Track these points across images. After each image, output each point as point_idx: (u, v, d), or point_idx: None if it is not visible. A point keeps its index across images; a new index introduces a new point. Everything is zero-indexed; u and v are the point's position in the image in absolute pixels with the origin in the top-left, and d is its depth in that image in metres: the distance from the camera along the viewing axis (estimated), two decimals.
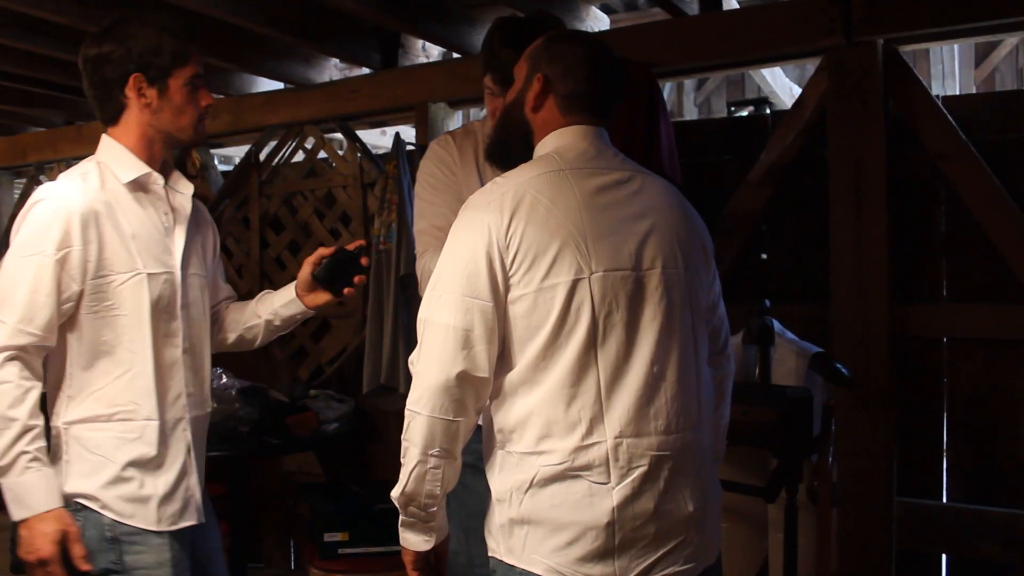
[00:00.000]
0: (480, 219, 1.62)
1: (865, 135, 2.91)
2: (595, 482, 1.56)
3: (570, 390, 1.57)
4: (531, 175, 1.66)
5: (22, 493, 1.83)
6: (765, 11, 3.19)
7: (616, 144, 1.82)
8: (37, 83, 4.51)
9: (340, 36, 3.86)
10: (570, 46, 1.78)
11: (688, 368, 1.66)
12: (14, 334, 1.84)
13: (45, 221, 1.88)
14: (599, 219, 1.62)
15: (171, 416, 2.00)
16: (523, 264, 1.58)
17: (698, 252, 1.75)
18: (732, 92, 8.70)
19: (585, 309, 1.57)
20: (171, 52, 1.95)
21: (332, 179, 4.32)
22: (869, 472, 2.89)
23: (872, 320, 2.89)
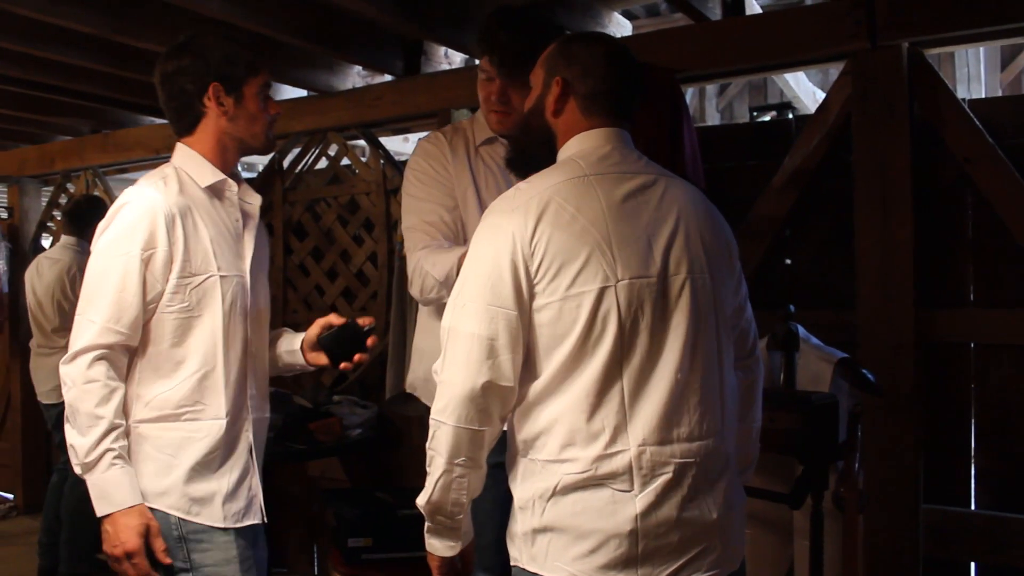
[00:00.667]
0: (504, 226, 1.60)
1: (890, 139, 2.89)
2: (618, 490, 1.55)
3: (594, 399, 1.55)
4: (555, 181, 1.64)
5: (108, 489, 1.88)
6: (788, 15, 3.19)
7: (640, 149, 1.81)
8: (65, 92, 4.57)
9: (363, 44, 3.89)
10: (586, 46, 1.76)
11: (713, 375, 1.65)
12: (103, 333, 1.89)
13: (132, 222, 1.93)
14: (624, 225, 1.60)
15: (236, 417, 2.05)
16: (548, 272, 1.56)
17: (723, 255, 1.73)
18: (754, 97, 8.67)
19: (612, 318, 1.56)
20: (245, 63, 2.05)
21: (355, 186, 4.35)
22: (896, 479, 2.87)
23: (898, 325, 2.87)
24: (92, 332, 1.89)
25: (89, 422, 1.87)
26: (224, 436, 2.01)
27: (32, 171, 5.92)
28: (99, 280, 1.93)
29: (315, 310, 4.44)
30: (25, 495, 5.92)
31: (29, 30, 3.57)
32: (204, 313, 2.00)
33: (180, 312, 1.97)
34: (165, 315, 1.96)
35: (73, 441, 1.89)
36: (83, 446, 1.87)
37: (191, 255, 1.98)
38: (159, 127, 5.12)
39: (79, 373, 1.88)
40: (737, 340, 1.79)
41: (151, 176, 2.05)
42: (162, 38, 3.55)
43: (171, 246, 1.94)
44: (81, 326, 1.92)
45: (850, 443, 2.61)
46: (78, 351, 1.90)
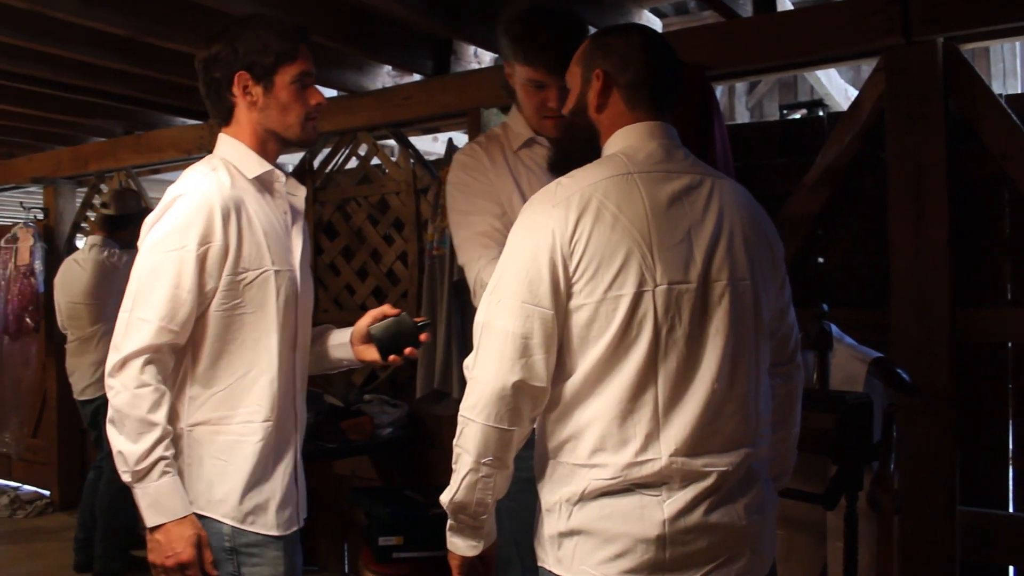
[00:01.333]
0: (544, 222, 1.57)
1: (925, 136, 2.85)
2: (647, 495, 1.53)
3: (627, 405, 1.53)
4: (598, 178, 1.60)
5: (160, 498, 1.79)
6: (821, 11, 3.15)
7: None
8: (98, 94, 4.62)
9: (393, 43, 3.90)
10: (622, 36, 1.73)
11: (749, 383, 1.62)
12: (157, 333, 1.80)
13: (187, 216, 1.84)
14: (666, 228, 1.57)
15: (287, 418, 1.98)
16: (587, 272, 1.53)
17: (766, 259, 1.70)
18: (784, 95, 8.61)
19: (647, 323, 1.53)
20: (277, 50, 1.94)
21: (385, 185, 4.36)
22: (932, 480, 2.83)
23: (933, 324, 2.84)
24: (145, 332, 1.80)
25: (141, 428, 1.77)
26: (277, 438, 1.94)
27: (66, 172, 6.00)
28: (152, 276, 1.83)
29: (345, 309, 4.46)
30: (61, 492, 6.01)
31: (63, 32, 3.62)
32: (258, 310, 1.92)
33: (234, 309, 1.89)
34: (219, 312, 1.88)
35: (122, 448, 1.79)
36: (134, 453, 1.77)
37: (245, 250, 1.89)
38: (191, 128, 5.17)
39: (131, 377, 1.78)
40: (777, 345, 1.76)
41: (199, 168, 1.95)
42: (193, 39, 3.59)
43: (227, 240, 1.86)
44: (131, 325, 1.82)
45: (885, 443, 2.59)
46: (130, 354, 1.79)
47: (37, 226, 6.06)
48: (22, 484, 6.54)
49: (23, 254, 5.95)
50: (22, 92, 4.56)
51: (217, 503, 1.87)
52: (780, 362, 1.79)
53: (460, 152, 2.45)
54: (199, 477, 1.88)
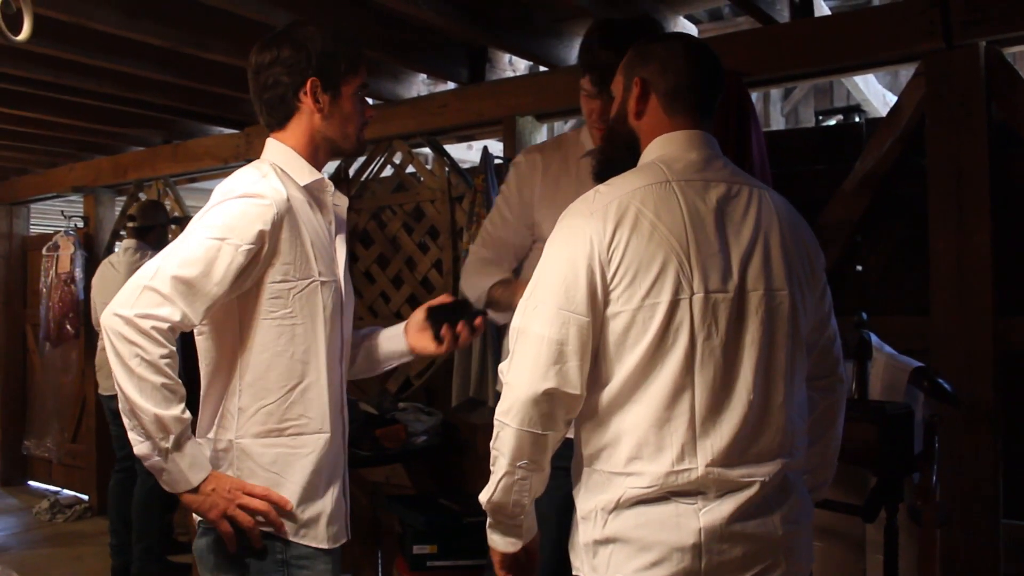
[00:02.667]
0: (582, 229, 1.57)
1: (967, 141, 2.81)
2: (683, 503, 1.53)
3: (664, 413, 1.53)
4: (636, 186, 1.60)
5: (198, 455, 1.77)
6: (859, 16, 3.13)
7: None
8: (138, 104, 4.69)
9: (428, 52, 3.91)
10: (662, 44, 1.73)
11: (784, 393, 1.61)
12: (180, 314, 1.73)
13: (239, 211, 1.79)
14: (703, 236, 1.56)
15: (336, 429, 1.94)
16: (624, 279, 1.53)
17: (804, 269, 1.68)
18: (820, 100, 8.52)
19: (684, 331, 1.53)
20: (347, 59, 1.93)
21: (420, 193, 4.37)
22: (974, 492, 2.78)
23: (975, 333, 2.79)
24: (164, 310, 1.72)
25: (168, 395, 1.71)
26: (329, 450, 1.91)
27: (106, 181, 6.09)
28: (189, 258, 1.75)
29: (381, 317, 4.48)
30: (100, 496, 6.09)
31: (106, 45, 3.68)
32: (307, 320, 1.87)
33: (283, 319, 1.85)
34: (268, 321, 1.84)
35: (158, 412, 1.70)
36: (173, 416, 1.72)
37: (294, 258, 1.85)
38: (227, 137, 5.22)
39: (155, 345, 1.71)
40: (818, 358, 1.75)
41: (249, 171, 1.90)
42: (230, 49, 3.63)
43: (275, 246, 1.81)
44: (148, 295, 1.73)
45: (926, 455, 2.55)
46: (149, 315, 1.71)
47: (77, 234, 6.15)
48: (62, 488, 6.63)
49: (64, 262, 6.04)
50: (65, 103, 4.64)
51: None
52: (821, 375, 1.77)
53: (523, 154, 2.57)
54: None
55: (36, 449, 6.95)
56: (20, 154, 6.11)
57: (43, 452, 6.86)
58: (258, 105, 1.97)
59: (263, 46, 1.93)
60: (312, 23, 1.96)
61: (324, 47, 1.90)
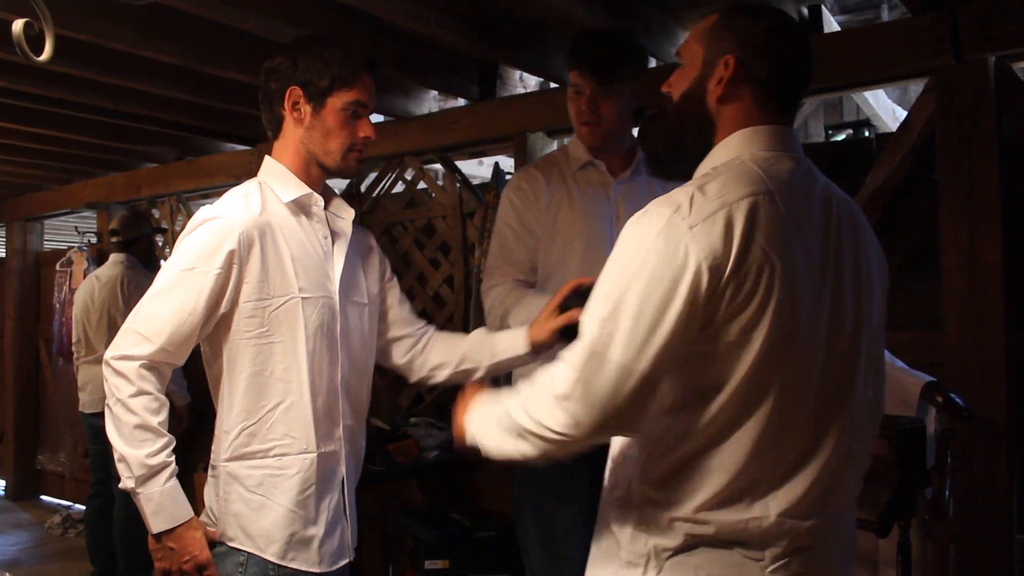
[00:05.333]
0: (681, 243, 1.29)
1: (977, 156, 2.81)
2: (748, 557, 1.37)
3: (746, 461, 1.35)
4: (741, 194, 1.33)
5: (167, 503, 1.76)
6: (868, 32, 3.14)
7: None
8: (152, 121, 4.73)
9: (439, 69, 3.94)
10: (762, 20, 1.48)
11: (862, 439, 1.46)
12: (154, 352, 1.77)
13: (208, 239, 1.81)
14: (808, 263, 1.35)
15: (328, 449, 1.92)
16: (728, 309, 1.30)
17: (884, 291, 1.52)
18: (830, 115, 8.55)
19: (779, 370, 1.33)
20: (335, 73, 1.91)
21: (432, 209, 4.40)
22: (988, 507, 2.77)
23: (988, 348, 2.78)
24: (142, 348, 1.76)
25: (142, 435, 1.74)
26: (318, 471, 1.88)
27: (120, 197, 6.13)
28: (161, 294, 1.80)
29: None
30: None
31: (121, 63, 3.72)
32: (286, 338, 1.86)
33: (259, 337, 1.84)
34: (243, 341, 1.84)
35: (124, 452, 1.74)
36: (137, 459, 1.73)
37: (269, 277, 1.84)
38: (240, 153, 5.26)
39: (127, 384, 1.75)
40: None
41: (234, 192, 1.95)
42: (243, 67, 3.67)
43: (244, 267, 1.82)
44: (129, 336, 1.79)
45: (939, 469, 2.54)
46: (125, 356, 1.76)
47: (91, 250, 6.20)
48: (74, 503, 6.65)
49: (77, 277, 6.08)
50: (80, 120, 4.69)
51: (256, 538, 1.84)
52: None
53: (518, 175, 2.57)
54: (237, 512, 1.85)
55: (49, 463, 6.98)
56: (35, 171, 6.17)
57: (56, 467, 6.90)
58: (262, 114, 2.02)
59: (271, 57, 1.98)
60: (316, 37, 1.99)
61: (314, 58, 1.91)
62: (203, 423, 4.06)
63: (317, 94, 1.92)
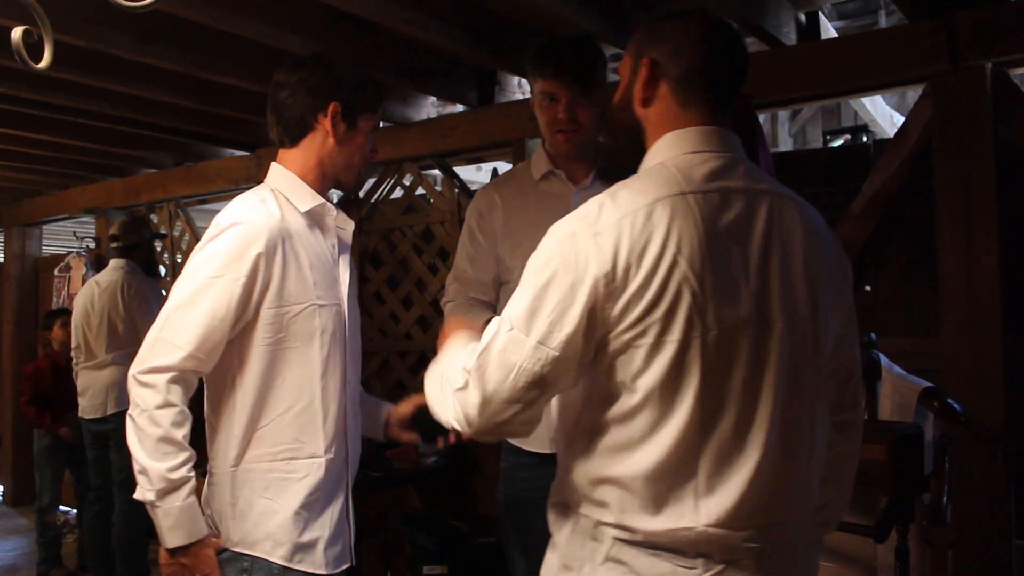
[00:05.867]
0: (584, 251, 1.32)
1: (974, 162, 2.82)
2: (680, 566, 1.34)
3: (666, 465, 1.33)
4: (649, 200, 1.34)
5: (185, 519, 1.76)
6: (865, 39, 3.14)
7: None
8: (151, 127, 4.74)
9: (438, 75, 3.95)
10: (677, 20, 1.48)
11: (804, 444, 1.41)
12: (184, 359, 1.76)
13: (234, 245, 1.81)
14: (721, 262, 1.33)
15: (334, 454, 1.93)
16: (632, 314, 1.30)
17: (830, 291, 1.47)
18: (828, 121, 8.55)
19: (693, 373, 1.31)
20: (371, 96, 2.00)
21: (430, 215, 4.40)
22: (986, 512, 2.77)
23: (985, 353, 2.79)
24: (173, 356, 1.75)
25: (165, 448, 1.73)
26: (325, 475, 1.89)
27: (118, 203, 6.14)
28: (189, 301, 1.79)
29: (390, 338, 4.49)
30: None
31: (120, 69, 3.73)
32: (302, 344, 1.87)
33: (277, 343, 1.85)
34: (263, 347, 1.84)
35: (145, 465, 1.73)
36: (159, 472, 1.72)
37: (290, 284, 1.85)
38: (239, 159, 5.27)
39: (154, 394, 1.74)
40: (838, 386, 1.55)
41: (248, 197, 1.92)
42: (242, 73, 3.68)
43: (269, 274, 1.82)
44: (159, 344, 1.77)
45: (937, 475, 2.55)
46: (153, 368, 1.75)
47: (89, 255, 6.20)
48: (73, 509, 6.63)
49: (75, 283, 6.09)
50: (79, 126, 4.70)
51: (262, 542, 1.84)
52: (841, 407, 1.58)
53: (478, 193, 2.59)
54: (245, 516, 1.85)
55: None
56: (34, 176, 6.18)
57: None
58: (273, 118, 2.00)
59: (293, 66, 1.98)
60: (344, 55, 2.05)
61: (353, 78, 1.97)
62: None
63: (353, 113, 1.97)
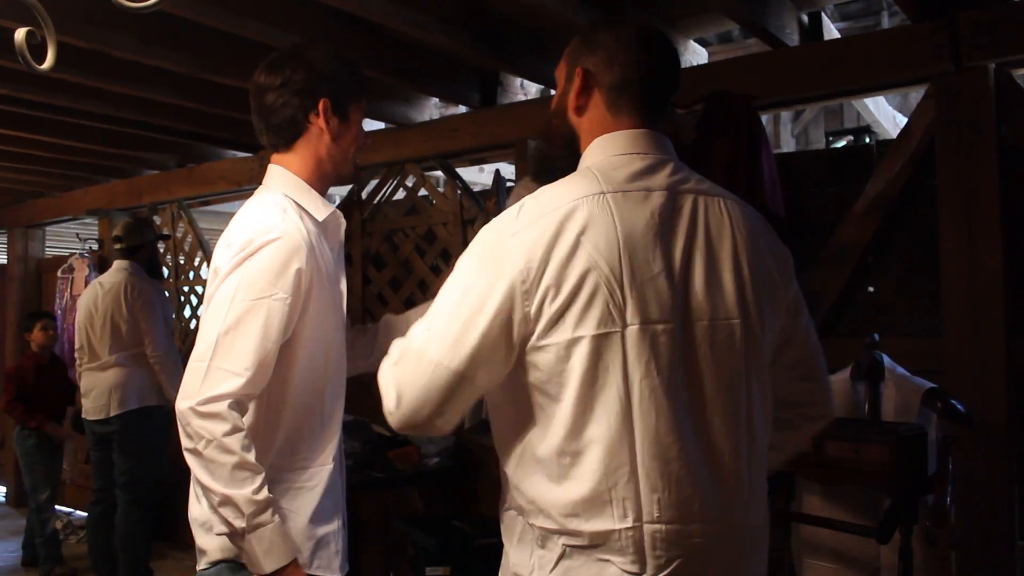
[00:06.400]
0: (504, 251, 1.36)
1: (977, 162, 2.82)
2: (626, 571, 1.33)
3: (599, 465, 1.33)
4: (566, 200, 1.37)
5: (278, 540, 1.70)
6: (868, 40, 3.14)
7: (718, 178, 1.71)
8: (153, 128, 4.74)
9: (440, 76, 3.95)
10: (611, 31, 1.51)
11: (741, 439, 1.41)
12: (244, 385, 1.70)
13: (277, 262, 1.75)
14: (640, 258, 1.35)
15: (335, 460, 1.91)
16: (549, 312, 1.33)
17: (765, 287, 1.47)
18: (830, 122, 8.55)
19: (616, 370, 1.32)
20: (356, 83, 1.95)
21: (432, 216, 4.40)
22: (990, 513, 2.77)
23: (988, 354, 2.79)
24: (232, 384, 1.69)
25: (243, 474, 1.66)
26: (331, 481, 1.88)
27: (121, 204, 6.14)
28: (239, 325, 1.71)
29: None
30: None
31: (122, 70, 3.73)
32: (319, 355, 1.85)
33: (308, 359, 1.82)
34: (293, 364, 1.81)
35: (230, 493, 1.65)
36: (245, 498, 1.66)
37: (319, 298, 1.82)
38: (241, 160, 5.27)
39: (218, 423, 1.66)
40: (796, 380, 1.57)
41: (270, 207, 1.84)
42: (244, 74, 3.65)
43: (310, 290, 1.79)
44: (213, 375, 1.69)
45: (940, 476, 2.54)
46: (213, 397, 1.68)
47: (92, 257, 6.21)
48: (75, 510, 6.64)
49: (78, 284, 6.10)
50: (82, 127, 4.71)
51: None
52: (802, 401, 1.60)
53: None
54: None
55: None
56: (36, 177, 6.19)
57: None
58: (263, 124, 1.94)
59: (272, 67, 1.91)
60: (317, 46, 1.96)
61: (335, 70, 1.91)
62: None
63: (343, 105, 1.92)
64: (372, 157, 4.49)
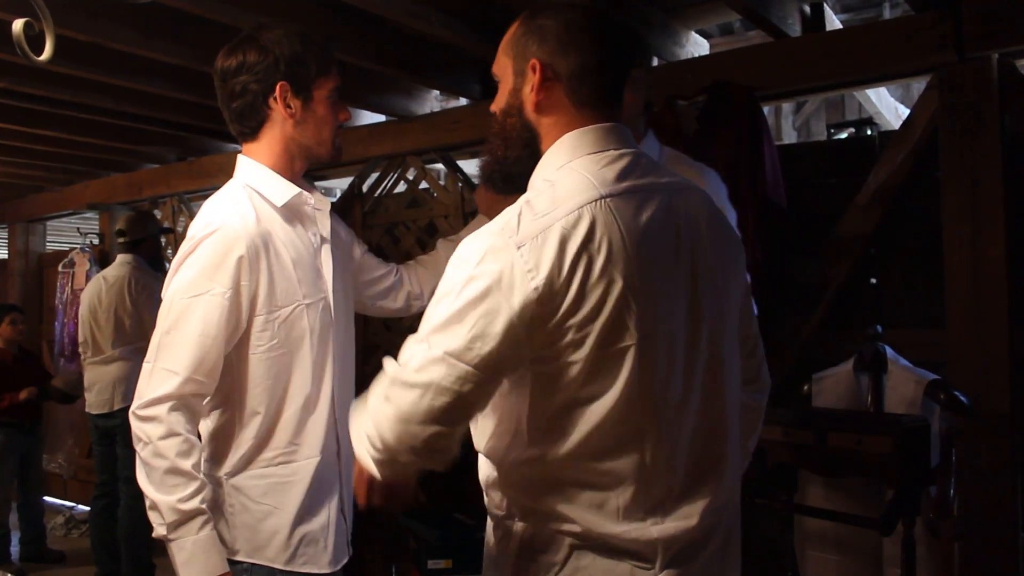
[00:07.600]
0: (509, 265, 1.26)
1: (980, 153, 2.80)
2: (637, 566, 1.34)
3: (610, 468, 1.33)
4: (571, 207, 1.29)
5: (199, 553, 1.68)
6: (870, 30, 3.13)
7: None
8: (153, 122, 4.73)
9: (441, 68, 3.94)
10: (558, 15, 1.42)
11: (732, 432, 1.45)
12: (182, 383, 1.70)
13: (212, 258, 1.73)
14: (645, 264, 1.31)
15: (328, 451, 1.88)
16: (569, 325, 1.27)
17: (731, 267, 1.48)
18: (832, 113, 8.53)
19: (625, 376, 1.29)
20: (316, 62, 1.85)
21: (434, 209, 4.39)
22: (993, 504, 2.76)
23: (991, 345, 2.78)
24: (171, 383, 1.70)
25: (173, 480, 1.67)
26: (321, 473, 1.85)
27: (121, 198, 6.14)
28: (177, 324, 1.72)
29: (395, 332, 4.48)
30: None
31: (122, 63, 3.72)
32: (292, 347, 1.81)
33: (270, 350, 1.79)
34: (256, 356, 1.78)
35: (155, 499, 1.67)
36: (167, 504, 1.67)
37: (276, 286, 1.78)
38: None
39: (156, 426, 1.68)
40: (746, 357, 1.58)
41: (221, 200, 1.84)
42: None
43: (255, 282, 1.76)
44: (155, 374, 1.71)
45: (943, 467, 2.54)
46: (153, 400, 1.69)
47: (93, 251, 6.20)
48: (77, 504, 6.65)
49: (79, 278, 6.09)
50: (82, 121, 4.70)
51: (264, 548, 1.80)
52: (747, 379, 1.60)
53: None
54: (244, 524, 1.80)
55: (50, 465, 6.98)
56: (37, 172, 6.17)
57: (57, 468, 6.89)
58: (227, 113, 1.92)
59: (228, 52, 1.87)
60: (278, 25, 1.89)
61: (292, 50, 1.83)
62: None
63: (304, 86, 1.85)
64: (373, 150, 4.48)
